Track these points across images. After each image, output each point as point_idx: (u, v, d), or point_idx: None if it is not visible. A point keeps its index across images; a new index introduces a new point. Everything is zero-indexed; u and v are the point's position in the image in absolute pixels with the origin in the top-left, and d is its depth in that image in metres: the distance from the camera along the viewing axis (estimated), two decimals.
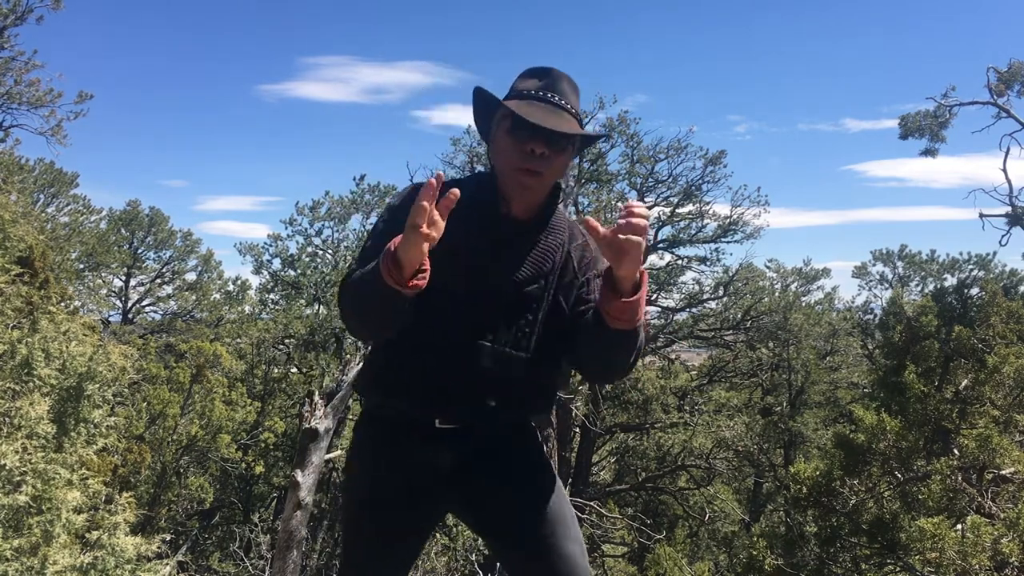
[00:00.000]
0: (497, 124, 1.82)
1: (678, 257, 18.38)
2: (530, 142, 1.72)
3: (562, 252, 1.86)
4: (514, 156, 1.75)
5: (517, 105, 1.75)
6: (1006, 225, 16.20)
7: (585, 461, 18.14)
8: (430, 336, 1.77)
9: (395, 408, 1.86)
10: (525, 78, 1.85)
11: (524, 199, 1.80)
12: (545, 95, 1.79)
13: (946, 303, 11.94)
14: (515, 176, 1.76)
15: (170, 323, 24.54)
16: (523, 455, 1.95)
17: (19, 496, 3.80)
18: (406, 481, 1.88)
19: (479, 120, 1.92)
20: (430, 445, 1.86)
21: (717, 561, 18.52)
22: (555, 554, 1.83)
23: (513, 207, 1.82)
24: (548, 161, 1.75)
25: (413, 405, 1.83)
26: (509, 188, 1.79)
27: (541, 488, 1.91)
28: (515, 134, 1.74)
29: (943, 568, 5.78)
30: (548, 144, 1.74)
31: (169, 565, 5.80)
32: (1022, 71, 15.45)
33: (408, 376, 1.82)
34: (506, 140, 1.77)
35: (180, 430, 15.05)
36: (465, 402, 1.81)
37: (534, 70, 1.86)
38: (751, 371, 21.03)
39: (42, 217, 18.76)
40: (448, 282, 1.72)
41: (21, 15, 14.12)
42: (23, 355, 4.60)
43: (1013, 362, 7.31)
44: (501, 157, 1.79)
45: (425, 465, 1.87)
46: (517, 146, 1.74)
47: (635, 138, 17.05)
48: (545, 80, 1.83)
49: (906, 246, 27.17)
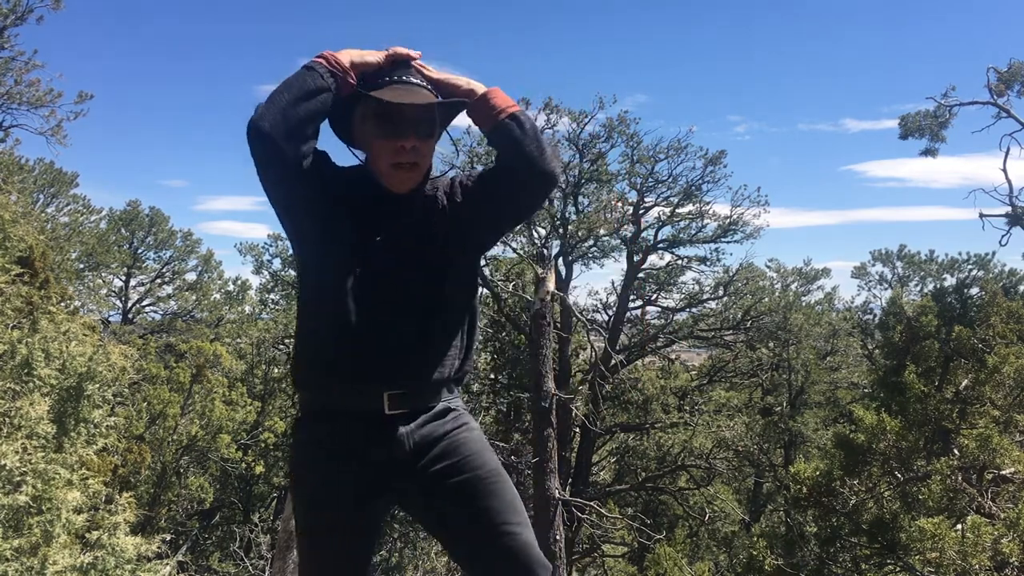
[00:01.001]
0: (360, 123, 1.88)
1: (678, 257, 18.39)
2: (400, 138, 1.81)
3: (441, 205, 1.94)
4: (387, 154, 1.83)
5: (379, 93, 1.79)
6: (1006, 225, 16.21)
7: (585, 461, 18.15)
8: (352, 317, 1.81)
9: (337, 400, 1.86)
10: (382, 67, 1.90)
11: (406, 188, 1.89)
12: (399, 78, 1.84)
13: (946, 303, 11.94)
14: (393, 173, 1.85)
15: (170, 323, 24.53)
16: (467, 443, 1.94)
17: (19, 496, 3.80)
18: (354, 478, 1.85)
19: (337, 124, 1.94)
20: (376, 437, 1.85)
21: (717, 561, 18.53)
22: (512, 541, 1.83)
23: (395, 190, 1.89)
24: (419, 150, 1.84)
25: (350, 388, 1.84)
26: (389, 181, 1.87)
27: (489, 475, 1.91)
28: (383, 128, 1.81)
29: (943, 568, 5.78)
30: (416, 132, 1.82)
31: (169, 565, 5.80)
32: (1022, 71, 15.45)
33: (340, 358, 1.82)
34: (376, 138, 1.83)
35: (180, 430, 15.05)
36: (400, 371, 1.84)
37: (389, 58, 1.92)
38: (751, 371, 21.03)
39: (42, 217, 18.76)
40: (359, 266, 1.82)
41: (21, 15, 14.12)
42: (23, 355, 4.60)
43: (1013, 362, 7.31)
44: (374, 156, 1.86)
45: (372, 459, 1.85)
46: (388, 143, 1.82)
47: (635, 138, 17.06)
48: (395, 66, 1.87)
49: (905, 246, 27.22)
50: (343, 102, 1.85)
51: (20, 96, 14.66)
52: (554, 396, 7.03)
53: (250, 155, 1.76)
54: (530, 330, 7.04)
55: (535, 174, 1.87)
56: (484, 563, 1.86)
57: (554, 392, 7.02)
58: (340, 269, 1.82)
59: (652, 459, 19.47)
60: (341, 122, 1.93)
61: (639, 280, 18.72)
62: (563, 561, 6.95)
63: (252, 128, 1.72)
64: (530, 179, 1.88)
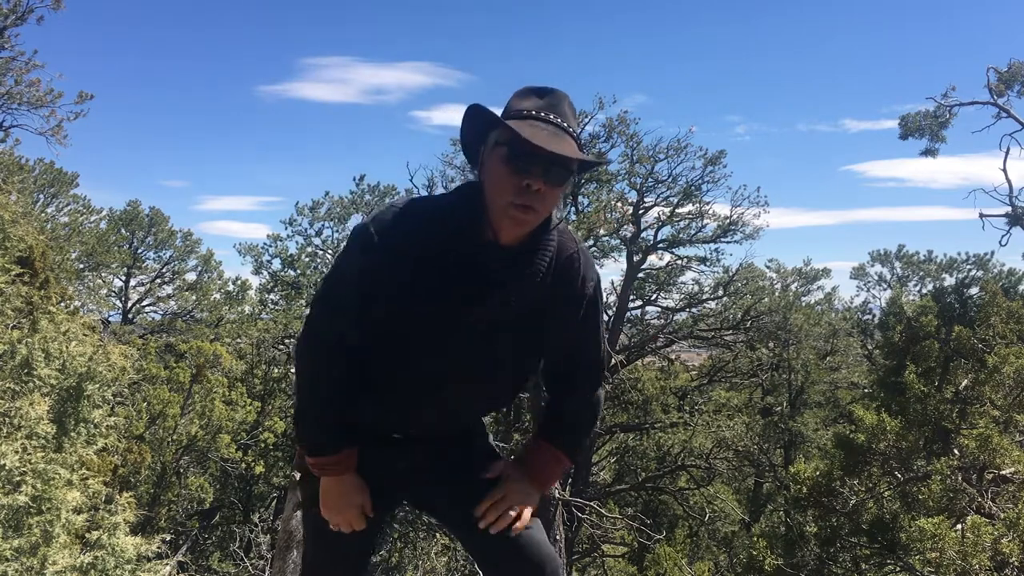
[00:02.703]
0: (491, 149, 1.66)
1: (678, 257, 18.38)
2: (528, 175, 1.60)
3: (549, 270, 1.74)
4: (508, 190, 1.61)
5: (518, 125, 1.61)
6: (1006, 225, 16.20)
7: (585, 461, 18.14)
8: (404, 370, 1.76)
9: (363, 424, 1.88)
10: (523, 97, 1.70)
11: (514, 234, 1.68)
12: (547, 115, 1.66)
13: (946, 303, 11.94)
14: (508, 211, 1.63)
15: (170, 323, 24.52)
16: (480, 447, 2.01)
17: (19, 496, 3.80)
18: (375, 480, 1.90)
19: (470, 142, 1.75)
20: (387, 448, 1.90)
21: (717, 561, 18.52)
22: (524, 539, 1.87)
23: (500, 236, 1.68)
24: (543, 197, 1.62)
25: (379, 425, 1.87)
26: (499, 221, 1.66)
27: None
28: (513, 163, 1.60)
29: (943, 568, 5.78)
30: (546, 176, 1.61)
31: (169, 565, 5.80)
32: (1022, 71, 15.45)
33: (378, 404, 1.82)
34: (501, 169, 1.62)
35: (180, 430, 15.04)
36: (430, 427, 1.88)
37: (533, 88, 1.71)
38: (751, 371, 21.03)
39: (42, 217, 18.76)
40: (426, 321, 1.69)
41: (21, 15, 14.11)
42: (23, 355, 4.60)
43: (1013, 362, 7.31)
44: (493, 189, 1.64)
45: (383, 466, 1.91)
46: (513, 178, 1.61)
47: (635, 138, 17.05)
48: (546, 99, 1.69)
49: (903, 246, 27.21)
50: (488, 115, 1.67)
51: (20, 96, 14.65)
52: None
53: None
54: None
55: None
56: (498, 557, 1.91)
57: None
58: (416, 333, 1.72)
59: (652, 459, 19.48)
60: (476, 137, 1.72)
61: (639, 280, 18.72)
62: (563, 561, 6.96)
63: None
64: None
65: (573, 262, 1.78)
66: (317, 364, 1.77)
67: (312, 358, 1.78)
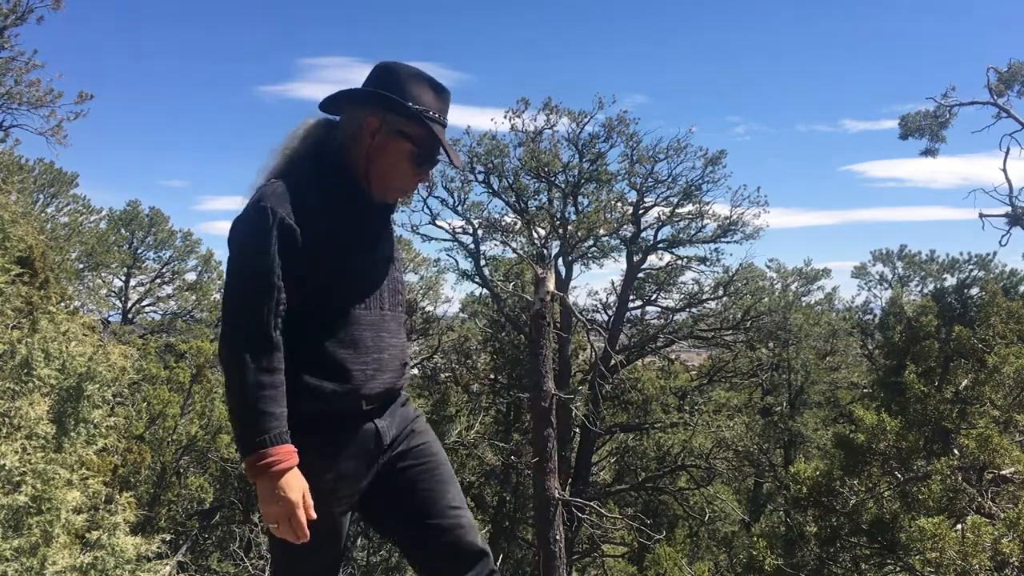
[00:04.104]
0: (390, 135, 1.90)
1: (678, 257, 18.38)
2: (425, 173, 1.95)
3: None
4: (408, 182, 1.95)
5: (439, 135, 1.89)
6: (1006, 225, 16.19)
7: (585, 461, 18.14)
8: (344, 321, 1.85)
9: (336, 405, 1.84)
10: (419, 87, 1.91)
11: (394, 202, 2.02)
12: (444, 119, 1.94)
13: (946, 303, 11.94)
14: (396, 194, 1.98)
15: (170, 323, 24.53)
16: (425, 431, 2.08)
17: (19, 496, 3.80)
18: (353, 482, 1.91)
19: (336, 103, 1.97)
20: (363, 434, 1.91)
21: (717, 561, 18.53)
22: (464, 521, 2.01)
23: (375, 197, 1.96)
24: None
25: (347, 393, 1.84)
26: (384, 194, 1.95)
27: (446, 461, 2.08)
28: (418, 162, 1.92)
29: (943, 568, 5.78)
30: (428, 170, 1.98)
31: (169, 565, 5.80)
32: (1022, 71, 15.45)
33: (335, 363, 1.84)
34: (403, 164, 1.91)
35: (180, 430, 15.04)
36: (389, 372, 1.93)
37: (427, 80, 1.93)
38: (751, 371, 21.03)
39: (42, 217, 18.76)
40: (347, 269, 1.86)
41: (21, 15, 14.10)
42: (23, 355, 4.60)
43: (1013, 362, 7.31)
44: (388, 172, 1.91)
45: (363, 456, 1.91)
46: (413, 173, 1.93)
47: (634, 138, 17.06)
48: (443, 101, 1.94)
49: (906, 246, 27.21)
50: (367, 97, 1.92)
51: (20, 96, 14.63)
52: (554, 396, 7.03)
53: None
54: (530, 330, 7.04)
55: None
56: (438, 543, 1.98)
57: (554, 392, 7.03)
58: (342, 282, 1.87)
59: (652, 459, 19.46)
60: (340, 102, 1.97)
61: (639, 280, 18.71)
62: (563, 561, 6.96)
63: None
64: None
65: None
66: (248, 356, 1.73)
67: (242, 352, 1.73)
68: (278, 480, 1.70)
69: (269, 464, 1.69)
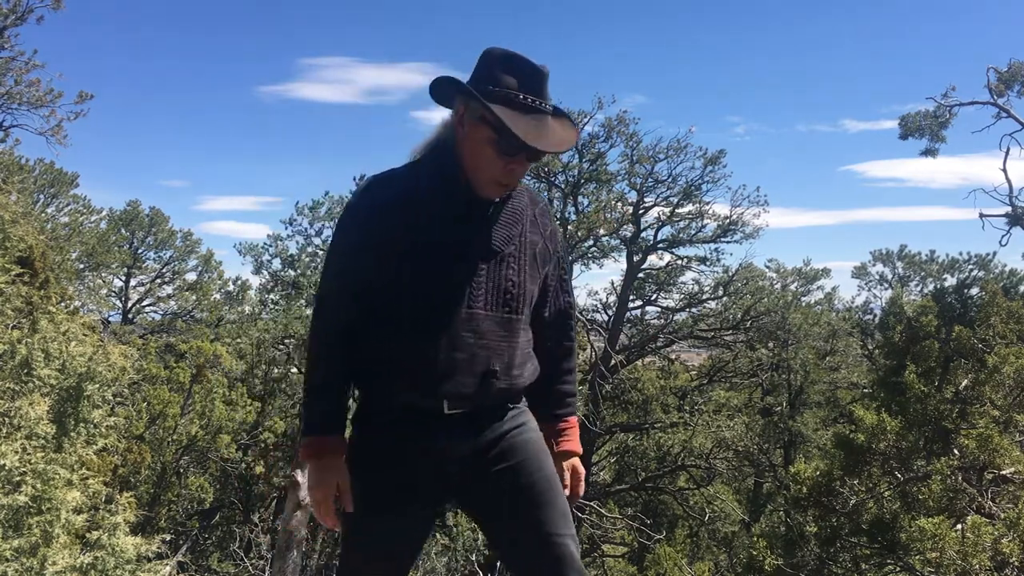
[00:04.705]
0: (474, 121, 1.77)
1: (678, 257, 18.37)
2: (514, 161, 1.76)
3: (526, 214, 1.92)
4: (495, 170, 1.77)
5: (511, 118, 1.70)
6: (1006, 225, 16.19)
7: (585, 461, 18.10)
8: (421, 316, 1.77)
9: (401, 400, 1.82)
10: (503, 69, 1.76)
11: (496, 196, 1.84)
12: (532, 101, 1.75)
13: (946, 303, 11.95)
14: (491, 186, 1.80)
15: (170, 323, 24.54)
16: (525, 445, 1.92)
17: (19, 496, 3.80)
18: (412, 478, 1.83)
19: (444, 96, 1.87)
20: (437, 436, 1.82)
21: (717, 561, 18.52)
22: (560, 551, 1.84)
23: (477, 192, 1.83)
24: (521, 171, 1.81)
25: (419, 391, 1.79)
26: (479, 187, 1.81)
27: (545, 482, 1.90)
28: (499, 148, 1.74)
29: (943, 568, 5.78)
30: (527, 159, 1.78)
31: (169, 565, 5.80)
32: (1022, 71, 15.44)
33: (408, 360, 1.78)
34: (487, 151, 1.76)
35: (180, 430, 15.05)
36: (468, 375, 1.79)
37: (513, 61, 1.77)
38: (751, 371, 21.03)
39: (42, 217, 18.76)
40: (427, 264, 1.77)
41: (21, 15, 14.10)
42: (23, 355, 4.60)
43: (1013, 362, 7.31)
44: (476, 161, 1.78)
45: (432, 459, 1.83)
46: (498, 161, 1.76)
47: (634, 138, 17.04)
48: (529, 79, 1.76)
49: (906, 246, 27.19)
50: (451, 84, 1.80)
51: (20, 96, 14.64)
52: None
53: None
54: None
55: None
56: (529, 569, 1.88)
57: None
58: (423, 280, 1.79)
59: (652, 459, 19.46)
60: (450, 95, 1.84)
61: (639, 280, 18.71)
62: None
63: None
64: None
65: (546, 212, 1.98)
66: (317, 351, 1.86)
67: (314, 345, 1.87)
68: (315, 467, 1.80)
69: (310, 451, 1.80)
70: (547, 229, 1.95)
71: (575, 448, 2.06)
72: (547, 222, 1.96)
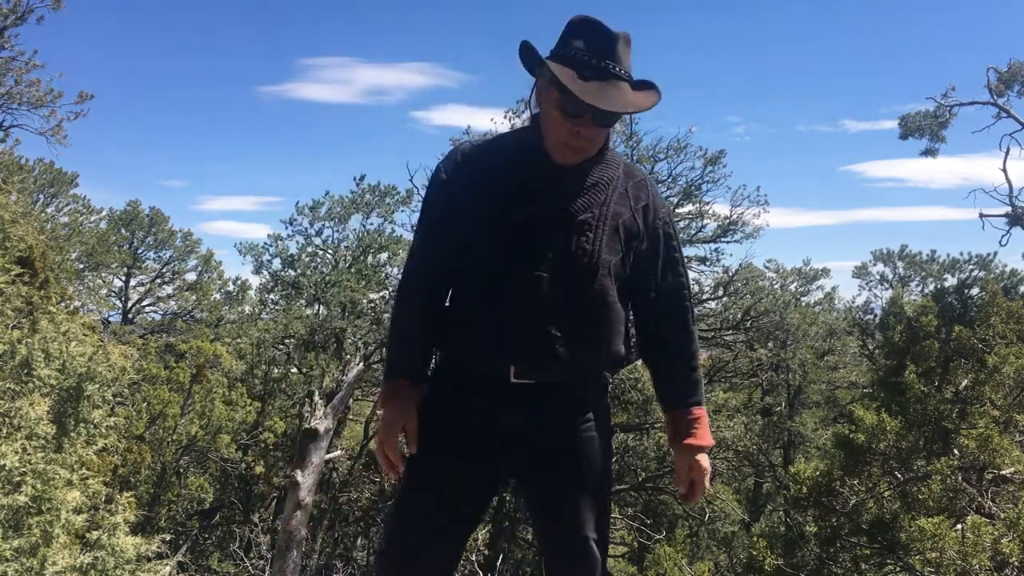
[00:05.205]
0: (546, 85, 1.77)
1: None
2: (578, 122, 1.73)
3: (614, 186, 1.85)
4: (561, 132, 1.76)
5: (570, 79, 1.68)
6: (1006, 225, 16.18)
7: None
8: (485, 279, 1.79)
9: (469, 363, 1.84)
10: (576, 34, 1.76)
11: (569, 162, 1.81)
12: (597, 63, 1.72)
13: (946, 303, 11.95)
14: (560, 148, 1.78)
15: (170, 323, 24.54)
16: (583, 443, 1.89)
17: (19, 496, 3.80)
18: (467, 434, 1.84)
19: (527, 64, 1.85)
20: (501, 402, 1.81)
21: (717, 561, 18.53)
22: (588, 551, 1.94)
23: (555, 159, 1.82)
24: (593, 137, 1.77)
25: (485, 354, 1.80)
26: (554, 151, 1.80)
27: (590, 486, 1.91)
28: (563, 110, 1.73)
29: (943, 568, 5.78)
30: (594, 122, 1.74)
31: (169, 565, 5.80)
32: (1022, 71, 15.44)
33: (477, 320, 1.80)
34: (554, 113, 1.75)
35: (180, 430, 15.05)
36: (530, 340, 1.76)
37: (587, 27, 1.76)
38: (751, 371, 21.03)
39: (42, 217, 18.77)
40: (495, 228, 1.77)
41: (21, 15, 14.10)
42: (23, 355, 4.60)
43: (1013, 362, 7.31)
44: (548, 125, 1.80)
45: (490, 424, 1.83)
46: (564, 122, 1.74)
47: (634, 138, 17.03)
48: (600, 45, 1.73)
49: (906, 246, 27.18)
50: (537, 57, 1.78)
51: (20, 96, 14.64)
52: None
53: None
54: None
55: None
56: (557, 561, 1.98)
57: None
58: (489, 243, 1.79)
59: (652, 459, 19.44)
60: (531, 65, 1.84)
61: None
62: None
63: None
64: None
65: (643, 186, 1.91)
66: (400, 301, 1.93)
67: (399, 297, 1.94)
68: (385, 409, 1.87)
69: (382, 395, 1.90)
70: (640, 203, 1.87)
71: (704, 442, 1.95)
72: (643, 196, 1.88)
